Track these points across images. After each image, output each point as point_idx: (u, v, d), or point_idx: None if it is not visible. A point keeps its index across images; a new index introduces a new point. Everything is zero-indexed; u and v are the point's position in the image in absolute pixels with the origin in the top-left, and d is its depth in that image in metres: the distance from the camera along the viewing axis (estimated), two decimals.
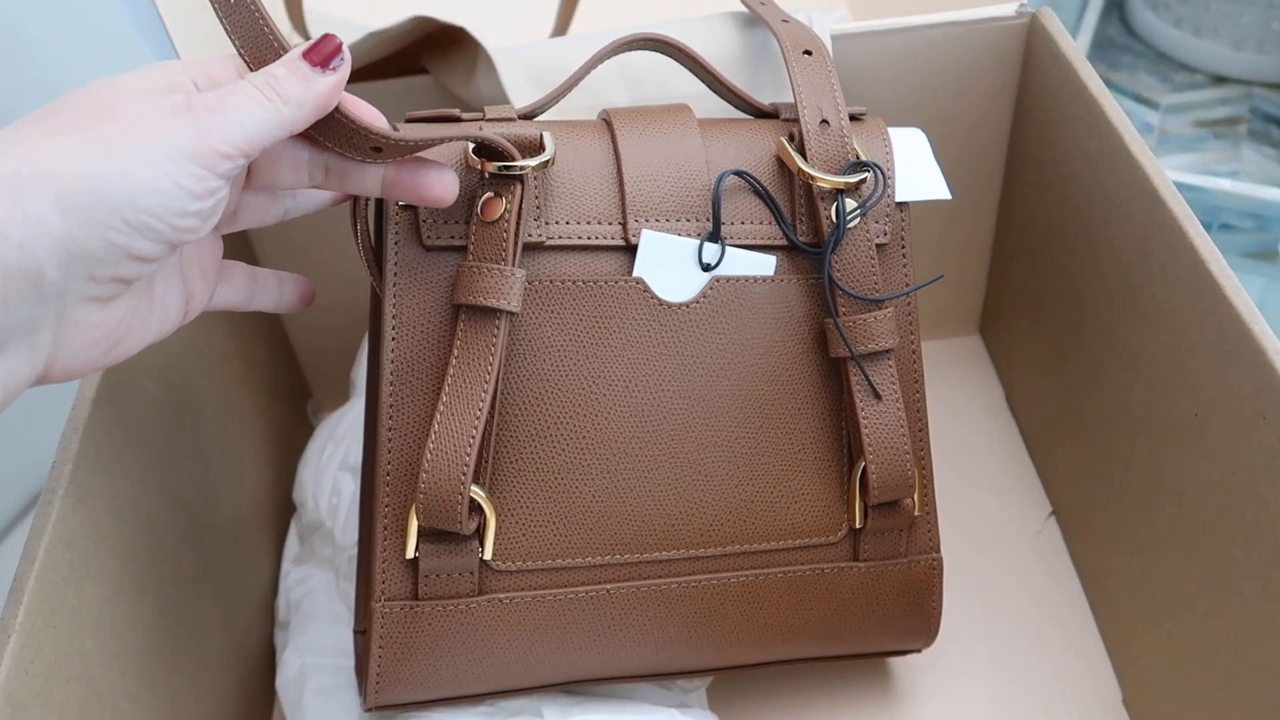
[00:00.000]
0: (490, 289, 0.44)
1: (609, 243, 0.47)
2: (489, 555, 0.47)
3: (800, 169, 0.48)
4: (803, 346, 0.49)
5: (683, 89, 0.54)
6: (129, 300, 0.37)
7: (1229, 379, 0.46)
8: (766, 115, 0.52)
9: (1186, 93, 0.95)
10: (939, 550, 0.53)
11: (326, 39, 0.38)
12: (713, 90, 0.53)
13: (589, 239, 0.47)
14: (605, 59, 0.51)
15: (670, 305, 0.48)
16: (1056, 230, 0.62)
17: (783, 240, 0.49)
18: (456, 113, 0.47)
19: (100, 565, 0.45)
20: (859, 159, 0.49)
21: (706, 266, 0.48)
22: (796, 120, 0.49)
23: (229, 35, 0.39)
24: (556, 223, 0.47)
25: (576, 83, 0.50)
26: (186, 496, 0.54)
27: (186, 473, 0.54)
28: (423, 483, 0.44)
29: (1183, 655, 0.52)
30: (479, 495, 0.46)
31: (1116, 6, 1.03)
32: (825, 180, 0.48)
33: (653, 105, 0.51)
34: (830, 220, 0.48)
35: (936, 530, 0.53)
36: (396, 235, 0.46)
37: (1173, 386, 0.51)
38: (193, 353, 0.56)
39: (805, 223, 0.49)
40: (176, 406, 0.54)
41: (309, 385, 0.76)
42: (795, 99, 0.49)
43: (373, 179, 0.42)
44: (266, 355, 0.69)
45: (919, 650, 0.56)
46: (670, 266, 0.48)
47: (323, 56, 0.38)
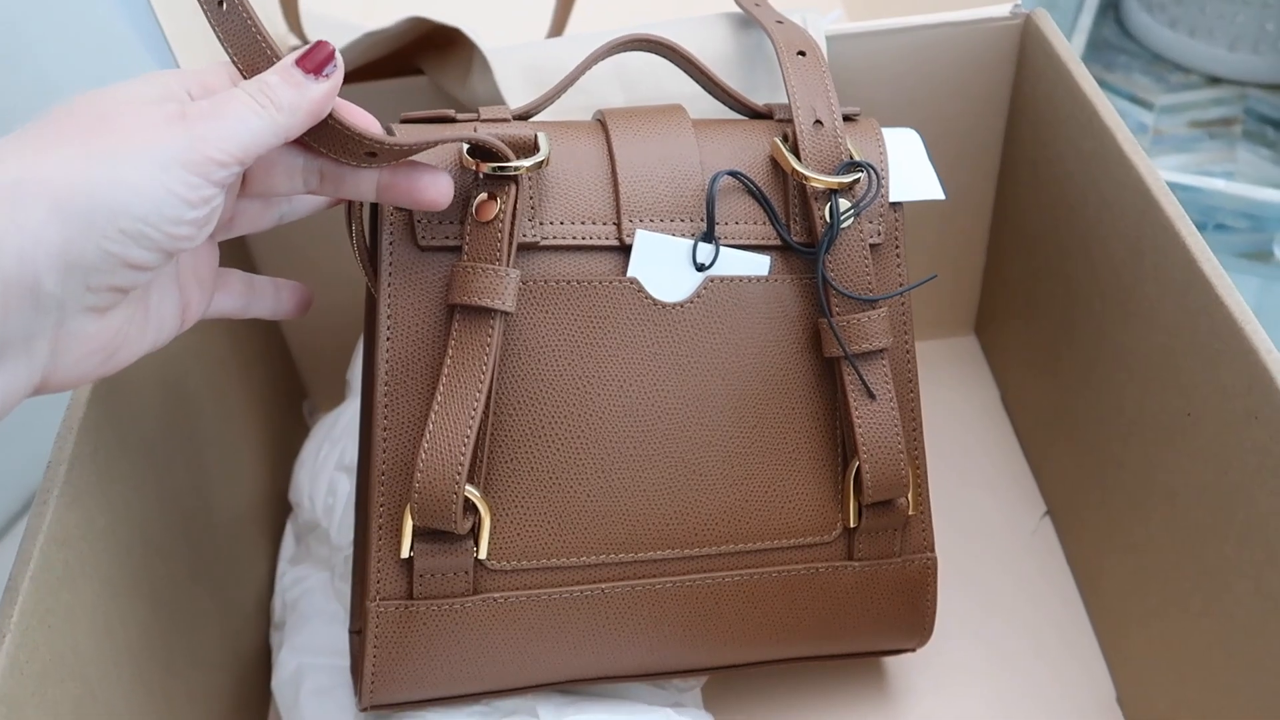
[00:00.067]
0: (485, 289, 0.45)
1: (603, 243, 0.48)
2: (484, 555, 0.47)
3: (794, 169, 0.48)
4: (797, 346, 0.50)
5: (677, 90, 0.54)
6: (125, 310, 0.37)
7: (1221, 378, 0.46)
8: (761, 116, 0.52)
9: (1181, 93, 0.95)
10: (933, 549, 0.53)
11: (319, 46, 0.38)
12: (707, 91, 0.53)
13: (583, 239, 0.47)
14: (600, 60, 0.51)
15: (664, 305, 0.48)
16: (1051, 230, 0.62)
17: (777, 240, 0.49)
18: (451, 113, 0.47)
19: (95, 565, 0.45)
20: (853, 159, 0.49)
21: (701, 266, 0.48)
22: (790, 121, 0.49)
23: (222, 43, 0.39)
24: (551, 223, 0.47)
25: (571, 83, 0.50)
26: (182, 496, 0.54)
27: (182, 473, 0.54)
28: (417, 482, 0.44)
29: (1176, 654, 0.52)
30: (474, 495, 0.46)
31: (1112, 7, 1.03)
32: (819, 180, 0.48)
33: (647, 106, 0.51)
34: (824, 220, 0.48)
35: (931, 529, 0.53)
36: (391, 236, 0.46)
37: (1166, 386, 0.51)
38: (189, 354, 0.57)
39: (799, 223, 0.49)
40: (172, 407, 0.54)
41: (305, 386, 0.76)
42: (789, 99, 0.50)
43: (367, 184, 0.43)
44: (262, 356, 0.69)
45: (914, 649, 0.56)
46: (664, 266, 0.48)
47: (316, 63, 0.38)
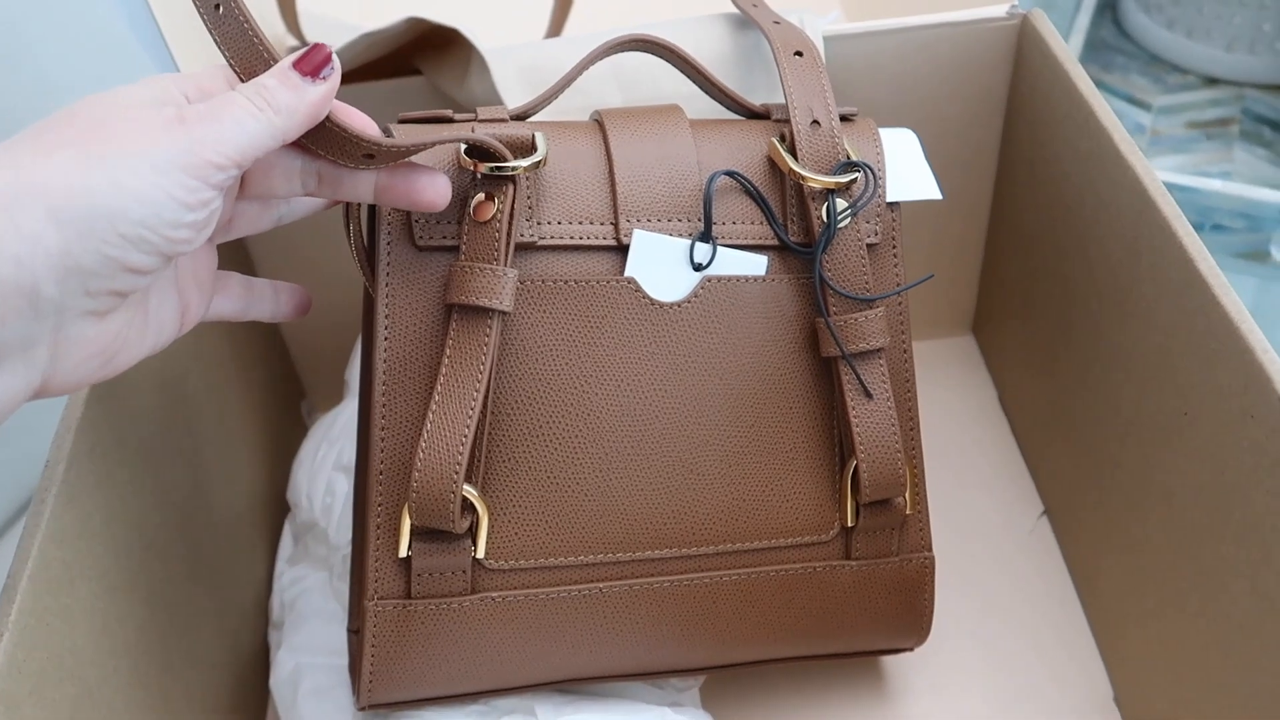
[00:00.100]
0: (482, 288, 0.45)
1: (601, 243, 0.48)
2: (481, 554, 0.47)
3: (791, 169, 0.48)
4: (794, 346, 0.50)
5: (675, 90, 0.54)
6: (125, 314, 0.38)
7: (1218, 378, 0.46)
8: (758, 116, 0.52)
9: (1179, 94, 0.96)
10: (931, 549, 0.53)
11: (316, 48, 0.38)
12: (704, 91, 0.53)
13: (581, 239, 0.47)
14: (597, 60, 0.51)
15: (662, 305, 0.48)
16: (1048, 230, 0.63)
17: (774, 240, 0.49)
18: (449, 113, 0.48)
19: (93, 564, 0.45)
20: (850, 159, 0.49)
21: (698, 266, 0.48)
22: (787, 121, 0.49)
23: (219, 47, 0.39)
24: (548, 223, 0.47)
25: (569, 83, 0.50)
26: (180, 496, 0.54)
27: (180, 472, 0.54)
28: (415, 481, 0.44)
29: (1173, 653, 0.52)
30: (471, 494, 0.46)
31: (1109, 8, 1.03)
32: (816, 180, 0.48)
33: (644, 106, 0.51)
34: (821, 220, 0.48)
35: (928, 529, 0.53)
36: (389, 236, 0.46)
37: (1162, 385, 0.51)
38: (187, 353, 0.57)
39: (796, 223, 0.49)
40: (170, 406, 0.54)
41: (303, 386, 0.76)
42: (786, 100, 0.50)
43: (365, 186, 0.43)
44: (261, 356, 0.69)
45: (911, 649, 0.56)
46: (662, 266, 0.48)
47: (313, 66, 0.38)
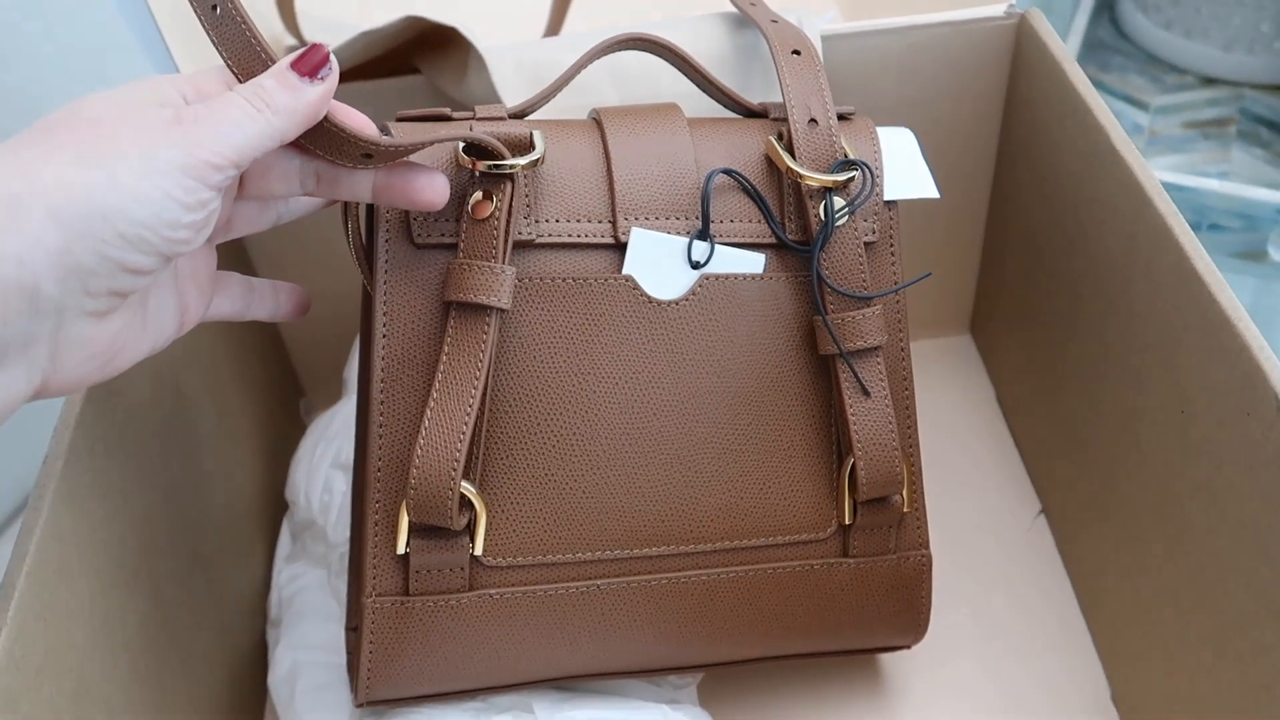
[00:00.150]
0: (481, 286, 0.45)
1: (599, 241, 0.48)
2: (479, 551, 0.47)
3: (789, 167, 0.48)
4: (792, 344, 0.50)
5: (673, 88, 0.54)
6: (124, 314, 0.38)
7: (1214, 375, 0.46)
8: (755, 115, 0.53)
9: (1176, 94, 0.96)
10: (928, 546, 0.53)
11: (314, 49, 0.38)
12: (702, 90, 0.53)
13: (579, 237, 0.47)
14: (595, 58, 0.51)
15: (660, 303, 0.48)
16: (1045, 229, 0.63)
17: (771, 238, 0.49)
18: (447, 111, 0.48)
19: (92, 560, 0.45)
20: (847, 158, 0.49)
21: (696, 264, 0.48)
22: (785, 119, 0.50)
23: (216, 48, 0.39)
24: (547, 221, 0.47)
25: (567, 82, 0.50)
26: (178, 493, 0.54)
27: (179, 470, 0.54)
28: (413, 478, 0.44)
29: (1169, 651, 0.53)
30: (469, 491, 0.46)
31: (1107, 8, 1.03)
32: (813, 178, 0.48)
33: (642, 104, 0.51)
34: (819, 218, 0.49)
35: (926, 527, 0.53)
36: (387, 233, 0.46)
37: (1159, 383, 0.51)
38: (186, 351, 0.57)
39: (794, 221, 0.49)
40: (169, 404, 0.54)
41: (302, 384, 0.76)
42: (784, 98, 0.50)
43: (364, 185, 0.43)
44: (259, 354, 0.69)
45: (908, 646, 0.56)
46: (660, 264, 0.48)
47: (311, 66, 0.38)
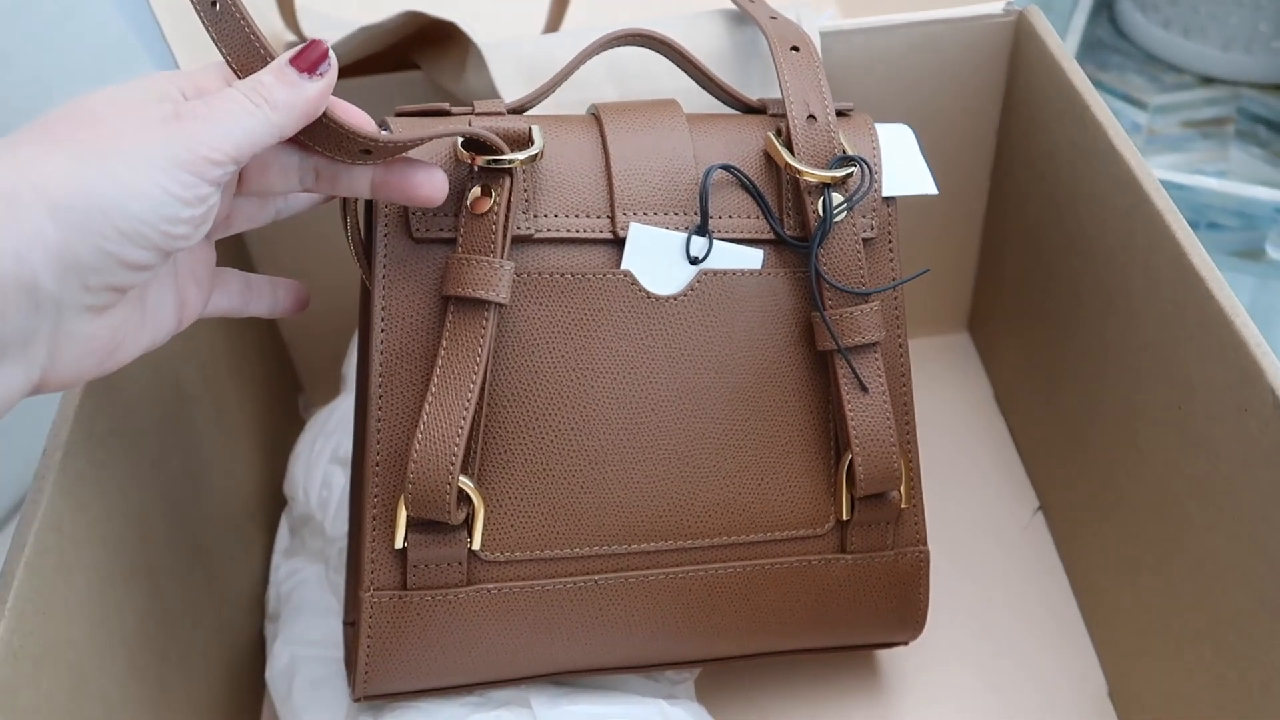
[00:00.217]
0: (479, 281, 0.45)
1: (597, 236, 0.48)
2: (477, 545, 0.47)
3: (787, 163, 0.48)
4: (790, 339, 0.50)
5: (672, 85, 0.54)
6: (123, 310, 0.38)
7: (1212, 371, 0.46)
8: (754, 110, 0.53)
9: (1175, 93, 0.96)
10: (926, 543, 0.53)
11: (313, 45, 0.39)
12: (701, 86, 0.53)
13: (577, 232, 0.47)
14: (595, 54, 0.51)
15: (658, 298, 0.48)
16: (1044, 226, 0.63)
17: (770, 234, 0.49)
18: (446, 106, 0.48)
19: (90, 553, 0.45)
20: (845, 154, 0.49)
21: (694, 260, 0.48)
22: (784, 115, 0.50)
23: (216, 44, 0.39)
24: (545, 216, 0.47)
25: (566, 77, 0.50)
26: (177, 488, 0.54)
27: (178, 464, 0.54)
28: (411, 472, 0.44)
29: (1167, 647, 0.53)
30: (467, 485, 0.46)
31: (1105, 8, 1.03)
32: (812, 174, 0.48)
33: (641, 100, 0.51)
34: (817, 214, 0.49)
35: (923, 523, 0.53)
36: (386, 228, 0.46)
37: (1156, 380, 0.51)
38: (184, 346, 0.57)
39: (792, 217, 0.50)
40: (168, 399, 0.54)
41: (300, 380, 0.76)
42: (782, 94, 0.50)
43: (362, 181, 0.43)
44: (258, 350, 0.69)
45: (906, 643, 0.56)
46: (658, 259, 0.48)
47: (310, 62, 0.38)
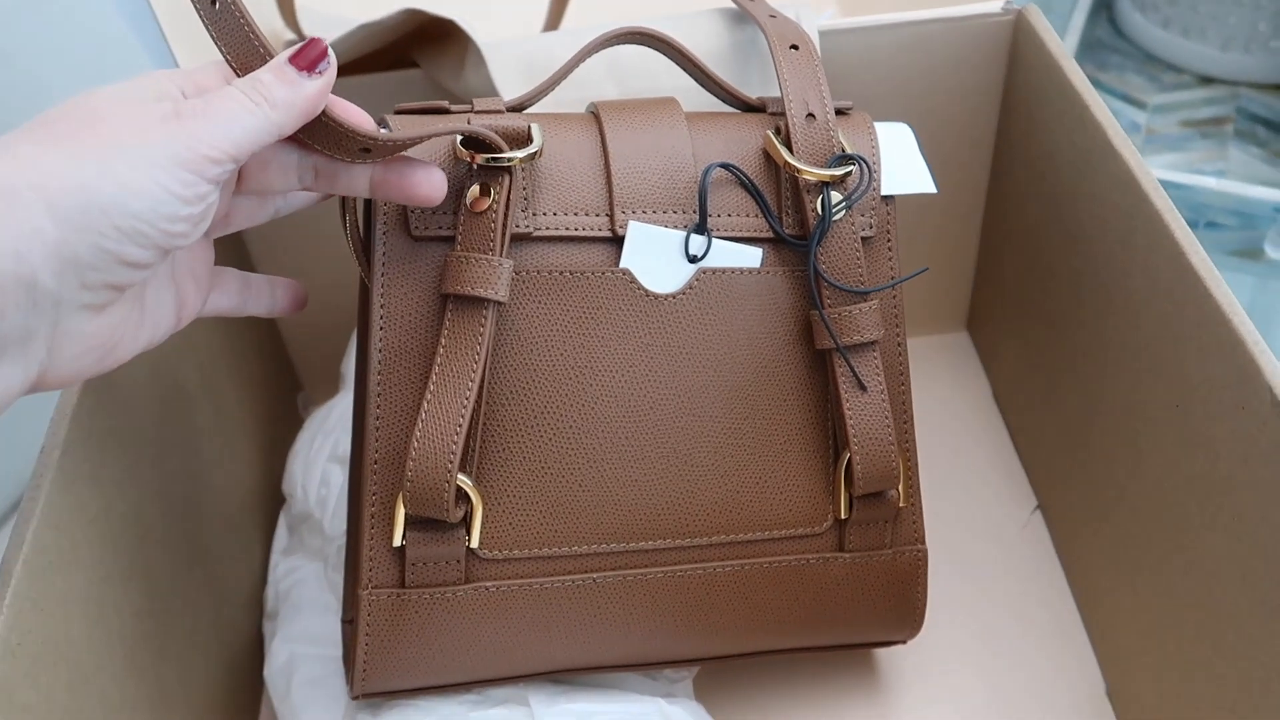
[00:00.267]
0: (478, 278, 0.45)
1: (596, 234, 0.48)
2: (476, 543, 0.47)
3: (786, 162, 0.48)
4: (788, 338, 0.50)
5: (671, 83, 0.54)
6: (121, 308, 0.38)
7: (1210, 370, 0.46)
8: (753, 109, 0.53)
9: (1174, 93, 0.96)
10: (924, 542, 0.53)
11: (313, 43, 0.39)
12: (700, 84, 0.53)
13: (576, 230, 0.47)
14: (593, 53, 0.51)
15: (656, 296, 0.48)
16: (1042, 225, 0.63)
17: (769, 233, 0.49)
18: (445, 105, 0.48)
19: (88, 550, 0.45)
20: (844, 152, 0.49)
21: (693, 258, 0.48)
22: (783, 114, 0.50)
23: (215, 42, 0.39)
24: (544, 214, 0.47)
25: (565, 76, 0.50)
26: (176, 485, 0.54)
27: (176, 462, 0.54)
28: (409, 470, 0.44)
29: (1165, 646, 0.53)
30: (465, 483, 0.46)
31: (1105, 7, 1.03)
32: (811, 173, 0.48)
33: (640, 98, 0.51)
34: (816, 213, 0.49)
35: (921, 522, 0.53)
36: (385, 226, 0.46)
37: (1155, 378, 0.51)
38: (183, 344, 0.57)
39: (791, 215, 0.50)
40: (166, 396, 0.54)
41: (300, 378, 0.76)
42: (781, 93, 0.50)
43: (361, 180, 0.43)
44: (257, 348, 0.69)
45: (904, 641, 0.56)
46: (657, 258, 0.48)
47: (309, 61, 0.38)
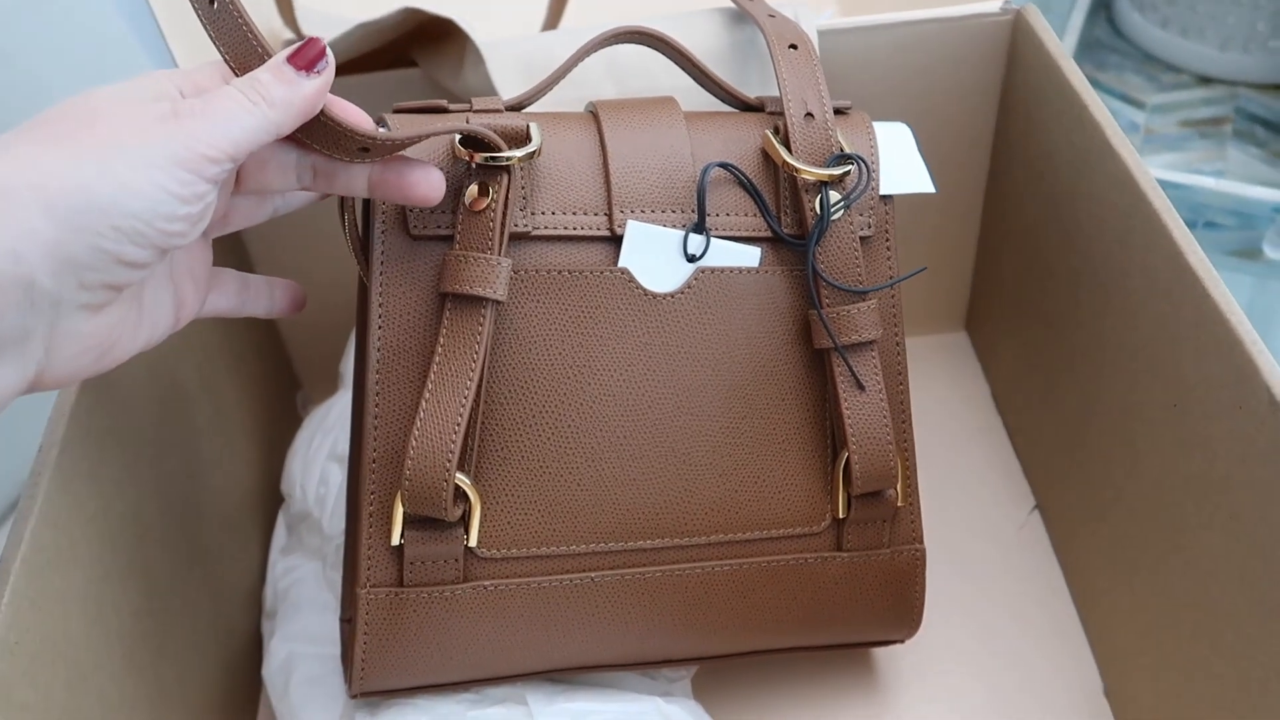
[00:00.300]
0: (476, 278, 0.45)
1: (594, 233, 0.48)
2: (474, 542, 0.47)
3: (784, 161, 0.48)
4: (787, 337, 0.50)
5: (670, 83, 0.54)
6: (119, 309, 0.38)
7: (1207, 369, 0.47)
8: (752, 108, 0.53)
9: (1173, 93, 0.96)
10: (922, 541, 0.53)
11: (311, 43, 0.39)
12: (699, 84, 0.53)
13: (575, 229, 0.48)
14: (592, 52, 0.51)
15: (655, 296, 0.48)
16: (1041, 225, 0.63)
17: (767, 232, 0.49)
18: (444, 104, 0.48)
19: (86, 549, 0.45)
20: (843, 152, 0.49)
21: (691, 257, 0.49)
22: (781, 113, 0.50)
23: (214, 42, 0.39)
24: (543, 213, 0.47)
25: (564, 75, 0.51)
26: (174, 484, 0.54)
27: (175, 461, 0.54)
28: (408, 469, 0.44)
29: (1162, 645, 0.53)
30: (464, 482, 0.46)
31: (1104, 7, 1.04)
32: (809, 172, 0.48)
33: (639, 98, 0.51)
34: (814, 212, 0.49)
35: (920, 521, 0.53)
36: (383, 225, 0.46)
37: (1152, 378, 0.51)
38: (182, 343, 0.57)
39: (789, 214, 0.50)
40: (165, 395, 0.54)
41: (299, 377, 0.76)
42: (780, 92, 0.50)
43: (360, 180, 0.43)
44: (256, 347, 0.69)
45: (902, 641, 0.56)
46: (655, 257, 0.48)
47: (307, 60, 0.38)
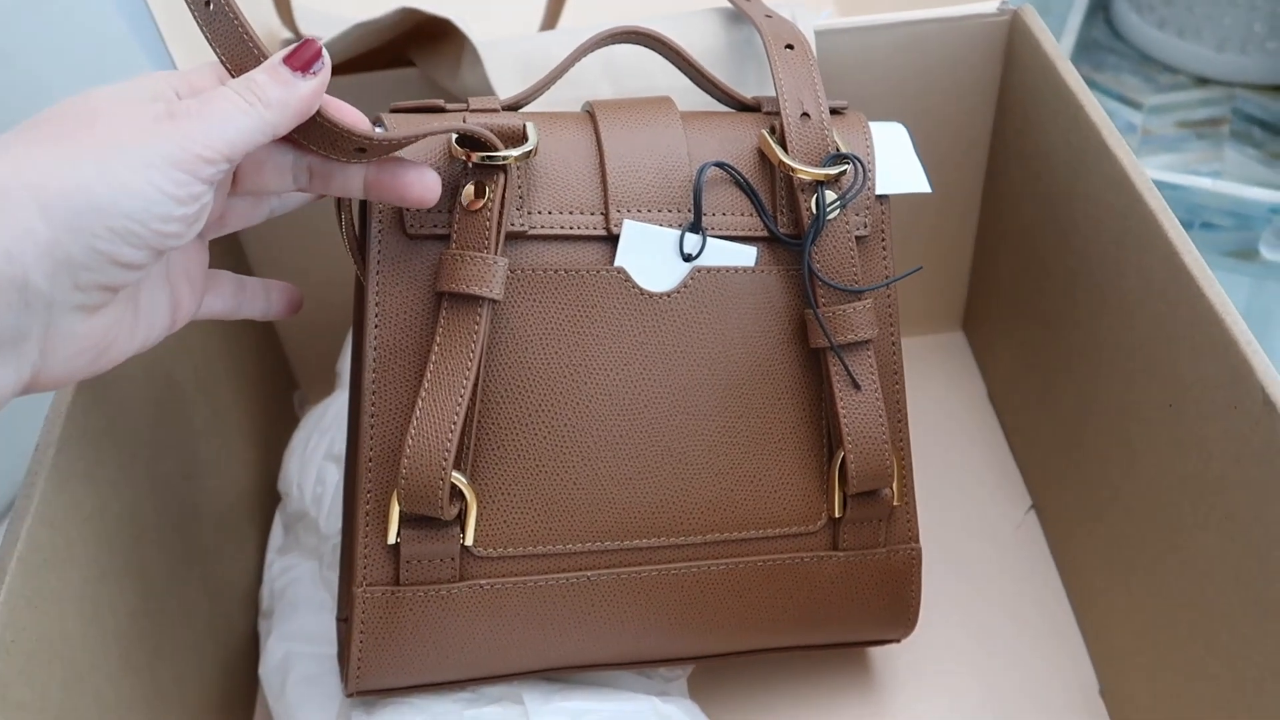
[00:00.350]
0: (473, 277, 0.45)
1: (591, 232, 0.48)
2: (470, 541, 0.47)
3: (781, 161, 0.49)
4: (783, 337, 0.50)
5: (667, 83, 0.54)
6: (115, 309, 0.38)
7: (1203, 369, 0.47)
8: (748, 108, 0.53)
9: (1170, 94, 0.96)
10: (918, 540, 0.53)
11: (307, 44, 0.39)
12: (695, 83, 0.53)
13: (571, 229, 0.48)
14: (590, 52, 0.51)
15: (651, 295, 0.48)
16: (1037, 225, 0.63)
17: (763, 231, 0.49)
18: (441, 103, 0.48)
19: (83, 548, 0.45)
20: (839, 151, 0.49)
21: (688, 257, 0.49)
22: (778, 113, 0.50)
23: (210, 43, 0.39)
24: (539, 212, 0.47)
25: (560, 75, 0.51)
26: (171, 484, 0.54)
27: (172, 461, 0.54)
28: (404, 468, 0.45)
29: (1158, 645, 0.53)
30: (460, 481, 0.46)
31: (1101, 8, 1.04)
32: (805, 172, 0.48)
33: (636, 97, 0.51)
34: (810, 212, 0.49)
35: (915, 521, 0.53)
36: (380, 224, 0.46)
37: (1148, 378, 0.51)
38: (178, 343, 0.57)
39: (786, 214, 0.50)
40: (162, 395, 0.54)
41: (296, 377, 0.76)
42: (776, 92, 0.50)
43: (356, 181, 0.43)
44: (254, 347, 0.69)
45: (898, 640, 0.56)
46: (652, 256, 0.48)
47: (303, 61, 0.38)
